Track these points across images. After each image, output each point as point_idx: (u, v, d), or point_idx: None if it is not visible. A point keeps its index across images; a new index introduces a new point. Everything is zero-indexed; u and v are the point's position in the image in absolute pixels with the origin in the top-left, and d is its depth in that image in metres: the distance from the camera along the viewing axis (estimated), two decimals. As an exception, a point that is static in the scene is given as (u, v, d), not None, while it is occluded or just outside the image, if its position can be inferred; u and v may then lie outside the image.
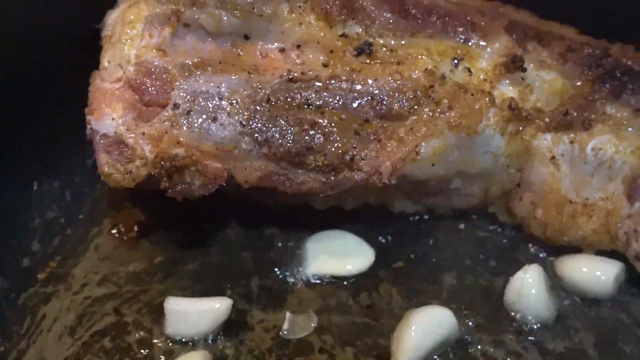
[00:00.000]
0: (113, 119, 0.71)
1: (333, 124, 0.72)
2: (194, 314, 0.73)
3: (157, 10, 0.73)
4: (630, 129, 0.72)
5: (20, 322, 0.75)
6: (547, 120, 0.73)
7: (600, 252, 0.78)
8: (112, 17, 0.76)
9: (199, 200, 0.76)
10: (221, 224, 0.81)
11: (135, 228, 0.81)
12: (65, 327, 0.75)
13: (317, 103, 0.72)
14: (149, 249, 0.80)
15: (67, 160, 0.81)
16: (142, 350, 0.73)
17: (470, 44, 0.75)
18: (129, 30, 0.74)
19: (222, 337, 0.74)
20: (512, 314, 0.73)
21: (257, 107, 0.71)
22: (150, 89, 0.72)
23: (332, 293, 0.76)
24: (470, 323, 0.74)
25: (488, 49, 0.74)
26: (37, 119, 0.79)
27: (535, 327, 0.73)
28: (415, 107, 0.72)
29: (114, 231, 0.81)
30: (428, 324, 0.72)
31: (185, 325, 0.73)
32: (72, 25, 0.80)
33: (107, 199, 0.83)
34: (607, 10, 0.82)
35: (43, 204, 0.83)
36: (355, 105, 0.72)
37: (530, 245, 0.79)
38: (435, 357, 0.72)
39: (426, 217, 0.81)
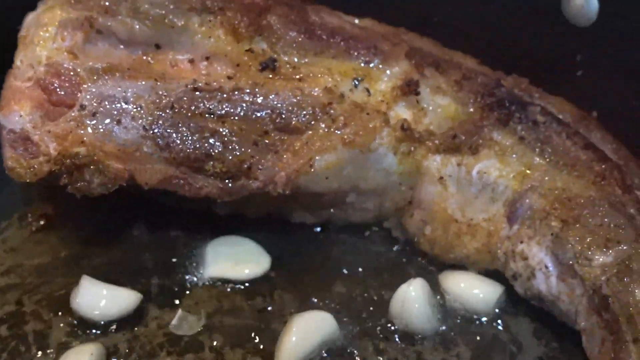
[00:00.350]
0: (21, 115, 0.72)
1: (233, 134, 0.74)
2: (104, 295, 0.75)
3: (71, 15, 0.75)
4: (514, 155, 0.75)
5: None
6: (437, 142, 0.76)
7: (488, 271, 0.80)
8: (29, 18, 0.77)
9: (108, 199, 0.77)
10: (127, 224, 0.83)
11: (42, 222, 0.82)
12: None
13: (219, 112, 0.74)
14: (55, 243, 0.81)
15: None
16: (37, 340, 0.75)
17: (371, 66, 0.78)
18: (42, 33, 0.75)
19: (116, 331, 0.75)
20: (396, 324, 0.76)
21: (161, 113, 0.74)
22: (58, 89, 0.73)
23: (227, 296, 0.79)
24: (354, 330, 0.76)
25: (388, 72, 0.77)
26: None
27: (416, 337, 0.75)
28: (312, 122, 0.75)
29: (22, 225, 0.83)
30: (308, 327, 0.74)
31: (92, 305, 0.75)
32: None
33: (19, 194, 0.84)
34: (511, 45, 0.85)
35: None
36: (255, 117, 0.75)
37: (420, 260, 0.81)
38: None
39: (325, 229, 0.83)
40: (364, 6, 0.86)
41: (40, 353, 0.74)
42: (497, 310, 0.78)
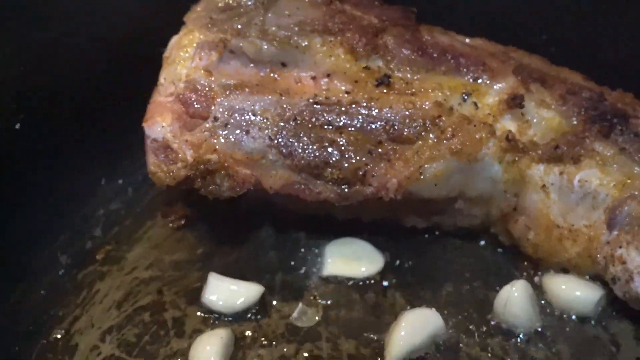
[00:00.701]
0: (163, 126, 0.80)
1: (349, 143, 0.79)
2: (231, 290, 0.82)
3: (208, 37, 0.82)
4: (614, 165, 0.78)
5: (77, 293, 0.85)
6: (540, 152, 0.79)
7: (589, 275, 0.81)
8: (172, 41, 0.84)
9: (239, 203, 0.86)
10: (256, 226, 0.89)
11: (182, 222, 0.90)
12: (113, 301, 0.84)
13: (337, 124, 0.80)
14: (192, 241, 0.89)
15: (131, 161, 0.89)
16: (174, 326, 0.82)
17: (479, 82, 0.82)
18: (182, 53, 0.82)
19: (243, 321, 0.82)
20: (499, 322, 0.80)
21: (285, 125, 0.79)
22: (195, 103, 0.80)
23: (343, 291, 0.84)
24: (460, 326, 0.80)
25: (495, 87, 0.81)
26: (109, 125, 0.88)
27: (519, 336, 0.79)
28: (422, 133, 0.79)
29: (164, 224, 0.90)
30: (417, 322, 0.79)
31: (220, 298, 0.82)
32: (143, 45, 0.87)
33: (162, 197, 0.91)
34: (620, 62, 0.88)
35: (108, 197, 0.92)
36: (370, 128, 0.80)
37: (525, 263, 0.84)
38: (423, 353, 0.77)
39: (435, 233, 0.87)
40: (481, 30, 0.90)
41: (176, 337, 0.81)
42: (597, 312, 0.80)
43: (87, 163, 0.89)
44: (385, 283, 0.84)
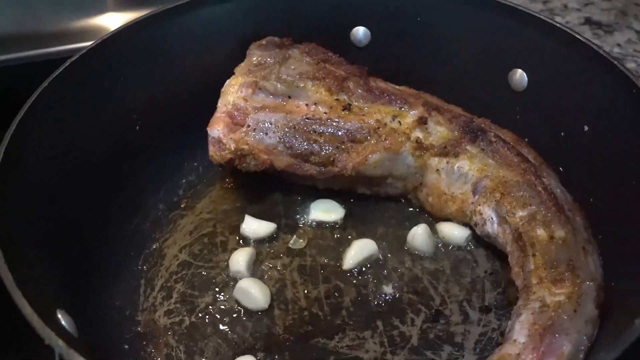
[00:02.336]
0: (218, 130, 0.85)
1: (325, 142, 0.85)
2: (256, 226, 0.86)
3: (246, 80, 0.88)
4: (477, 158, 0.84)
5: (167, 225, 0.88)
6: (435, 150, 0.85)
7: (463, 223, 0.87)
8: (226, 82, 0.89)
9: (258, 176, 0.89)
10: (271, 190, 0.92)
11: (231, 185, 0.93)
12: (188, 230, 0.88)
13: (319, 131, 0.85)
14: (235, 198, 0.92)
15: (202, 151, 0.90)
16: (221, 245, 0.86)
17: (402, 109, 0.87)
18: (231, 89, 0.88)
19: (262, 244, 0.86)
20: (410, 249, 0.86)
21: (288, 130, 0.85)
22: (237, 117, 0.86)
23: (320, 230, 0.88)
24: (386, 251, 0.86)
25: (411, 113, 0.86)
26: (190, 130, 0.91)
27: (421, 256, 0.85)
28: (368, 137, 0.85)
29: (222, 187, 0.94)
30: (361, 246, 0.84)
31: (249, 230, 0.86)
32: (214, 85, 0.91)
33: (220, 172, 0.95)
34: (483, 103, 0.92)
35: (188, 172, 0.94)
36: (338, 133, 0.85)
37: (426, 215, 0.89)
38: (364, 266, 0.83)
39: (375, 197, 0.91)
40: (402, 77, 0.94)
41: (222, 252, 0.86)
42: (466, 243, 0.86)
43: (179, 153, 0.94)
44: (345, 225, 0.89)
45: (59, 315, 0.63)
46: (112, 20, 1.17)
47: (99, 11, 1.19)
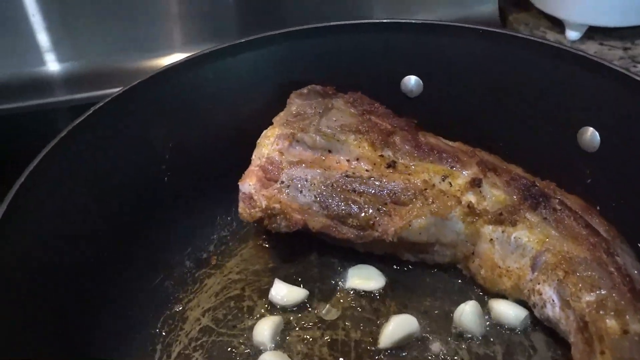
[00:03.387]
0: (249, 184, 0.79)
1: (365, 203, 0.77)
2: (286, 291, 0.79)
3: (283, 131, 0.82)
4: (538, 228, 0.74)
5: (193, 285, 0.82)
6: (489, 217, 0.75)
7: (519, 301, 0.77)
8: (262, 134, 0.84)
9: (295, 235, 0.82)
10: (307, 252, 0.85)
11: (266, 245, 0.87)
12: (214, 292, 0.81)
13: (359, 190, 0.78)
14: (267, 259, 0.85)
15: (237, 207, 0.84)
16: (248, 311, 0.79)
17: (453, 169, 0.79)
18: (266, 141, 0.82)
19: (291, 312, 0.78)
20: (456, 328, 0.75)
21: (325, 188, 0.78)
22: (270, 171, 0.80)
23: (357, 299, 0.80)
24: (430, 329, 0.76)
25: (463, 173, 0.78)
26: (225, 183, 0.84)
27: (467, 337, 0.75)
28: (414, 199, 0.77)
29: (255, 245, 0.87)
30: (400, 323, 0.75)
31: (279, 296, 0.79)
32: (250, 136, 0.86)
33: (255, 229, 0.89)
34: (550, 163, 0.83)
35: (220, 227, 0.88)
36: (380, 193, 0.78)
37: (478, 290, 0.79)
38: (402, 345, 0.74)
39: (421, 265, 0.83)
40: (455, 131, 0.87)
41: (248, 318, 0.79)
42: (522, 326, 0.75)
43: (212, 206, 0.88)
44: (385, 295, 0.80)
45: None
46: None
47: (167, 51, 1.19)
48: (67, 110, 1.16)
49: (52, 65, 1.18)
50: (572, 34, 1.23)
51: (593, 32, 1.23)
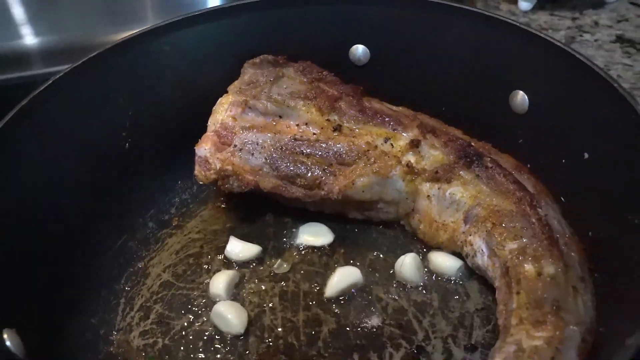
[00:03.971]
0: (205, 149, 0.84)
1: (312, 164, 0.82)
2: (241, 248, 0.84)
3: (237, 99, 0.86)
4: (471, 185, 0.79)
5: (155, 244, 0.87)
6: (427, 175, 0.81)
7: (454, 252, 0.82)
8: (217, 101, 0.88)
9: (252, 197, 0.87)
10: (261, 212, 0.90)
11: (223, 206, 0.91)
12: (174, 250, 0.86)
13: (307, 152, 0.83)
14: (225, 219, 0.90)
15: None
16: (206, 267, 0.84)
17: (395, 131, 0.83)
18: (221, 108, 0.87)
19: (246, 267, 0.83)
20: (397, 278, 0.81)
21: (275, 151, 0.83)
22: (225, 136, 0.85)
23: (307, 254, 0.85)
24: (372, 279, 0.82)
25: (404, 135, 0.83)
26: (183, 148, 0.88)
27: (407, 286, 0.80)
28: (357, 160, 0.82)
29: (214, 206, 0.91)
30: (344, 274, 0.81)
31: (234, 252, 0.84)
32: (206, 103, 0.90)
33: (213, 192, 0.93)
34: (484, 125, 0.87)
35: (181, 191, 0.93)
36: (326, 155, 0.82)
37: (418, 244, 0.85)
38: (347, 294, 0.80)
39: (366, 222, 0.87)
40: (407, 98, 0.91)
41: (205, 273, 0.84)
42: (457, 275, 0.81)
43: (173, 171, 0.92)
44: (333, 250, 0.85)
45: (5, 335, 0.61)
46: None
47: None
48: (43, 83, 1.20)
49: (29, 38, 1.22)
50: (524, 4, 1.28)
51: (544, 3, 1.29)
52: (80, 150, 0.84)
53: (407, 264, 0.80)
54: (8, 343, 0.60)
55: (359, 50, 0.94)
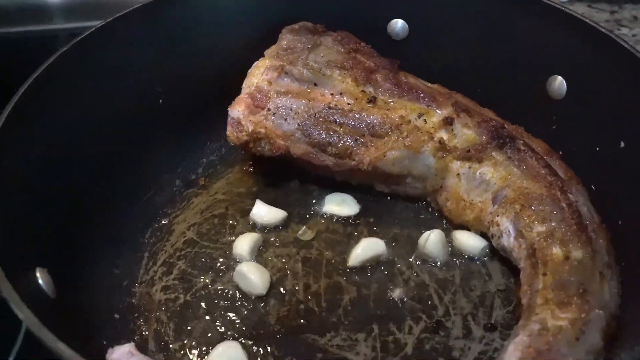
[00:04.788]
0: (238, 110, 0.84)
1: (345, 133, 0.83)
2: (267, 212, 0.85)
3: (273, 63, 0.86)
4: (502, 166, 0.79)
5: (181, 202, 0.88)
6: (458, 153, 0.81)
7: (480, 232, 0.82)
8: (253, 64, 0.88)
9: (279, 163, 0.88)
10: (288, 179, 0.90)
11: (251, 169, 0.92)
12: (200, 209, 0.87)
13: (340, 121, 0.83)
14: (251, 182, 0.90)
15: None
16: (230, 228, 0.85)
17: (429, 108, 0.83)
18: (256, 71, 0.86)
19: (271, 231, 0.84)
20: (421, 254, 0.81)
21: (308, 118, 0.83)
22: (259, 99, 0.84)
23: (332, 223, 0.85)
24: (396, 252, 0.82)
25: (438, 112, 0.82)
26: (214, 109, 0.88)
27: (430, 262, 0.81)
28: (390, 133, 0.82)
29: (241, 170, 0.92)
30: (369, 245, 0.81)
31: (260, 216, 0.84)
32: (242, 65, 0.90)
33: (242, 155, 0.93)
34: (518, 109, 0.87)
35: (209, 152, 0.93)
36: (359, 126, 0.83)
37: (444, 220, 0.85)
38: (369, 265, 0.80)
39: (393, 196, 0.87)
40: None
41: (229, 235, 0.85)
42: (481, 255, 0.81)
43: (203, 132, 0.93)
44: (357, 221, 0.86)
45: (38, 274, 0.63)
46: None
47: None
48: (65, 38, 1.18)
49: None
50: (563, -6, 1.27)
51: None
52: (114, 104, 0.84)
53: (432, 240, 0.80)
54: (40, 281, 0.61)
55: (398, 24, 0.94)
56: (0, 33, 1.17)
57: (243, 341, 0.73)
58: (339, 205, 0.87)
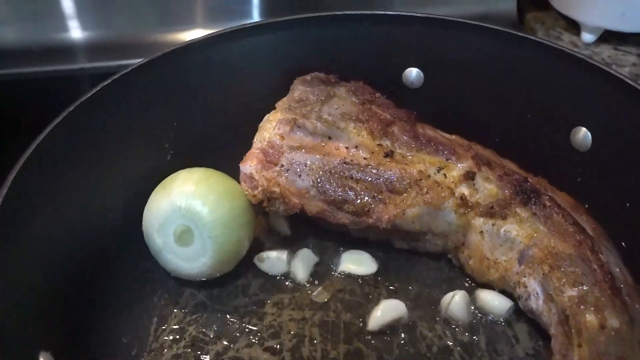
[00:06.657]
0: (250, 166, 0.80)
1: (361, 190, 0.79)
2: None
3: (285, 116, 0.83)
4: (527, 223, 0.75)
5: None
6: (481, 209, 0.77)
7: (504, 292, 0.79)
8: (264, 118, 0.85)
9: (293, 217, 0.84)
10: (304, 237, 0.87)
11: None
12: None
13: (356, 177, 0.79)
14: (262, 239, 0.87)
15: None
16: (242, 291, 0.81)
17: (449, 161, 0.80)
18: (268, 125, 0.83)
19: (284, 292, 0.81)
20: (443, 316, 0.78)
21: (323, 174, 0.80)
22: (271, 154, 0.81)
23: (349, 283, 0.82)
24: (417, 314, 0.78)
25: (458, 165, 0.79)
26: (225, 165, 0.84)
27: (453, 324, 0.77)
28: (408, 188, 0.79)
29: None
30: (389, 307, 0.78)
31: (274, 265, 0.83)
32: (253, 119, 0.87)
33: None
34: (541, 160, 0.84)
35: None
36: (376, 181, 0.79)
37: (467, 279, 0.82)
38: (390, 330, 0.76)
39: (413, 253, 0.84)
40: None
41: (243, 296, 0.80)
42: (506, 316, 0.78)
43: None
44: (376, 280, 0.82)
45: (41, 358, 0.59)
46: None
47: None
48: (88, 78, 1.20)
49: (75, 32, 1.22)
50: (587, 37, 1.23)
51: (608, 36, 1.23)
52: (122, 163, 0.82)
53: (455, 302, 0.77)
54: (44, 367, 0.58)
55: (413, 73, 0.91)
56: (25, 73, 1.17)
57: (259, 416, 0.70)
58: (356, 264, 0.83)
